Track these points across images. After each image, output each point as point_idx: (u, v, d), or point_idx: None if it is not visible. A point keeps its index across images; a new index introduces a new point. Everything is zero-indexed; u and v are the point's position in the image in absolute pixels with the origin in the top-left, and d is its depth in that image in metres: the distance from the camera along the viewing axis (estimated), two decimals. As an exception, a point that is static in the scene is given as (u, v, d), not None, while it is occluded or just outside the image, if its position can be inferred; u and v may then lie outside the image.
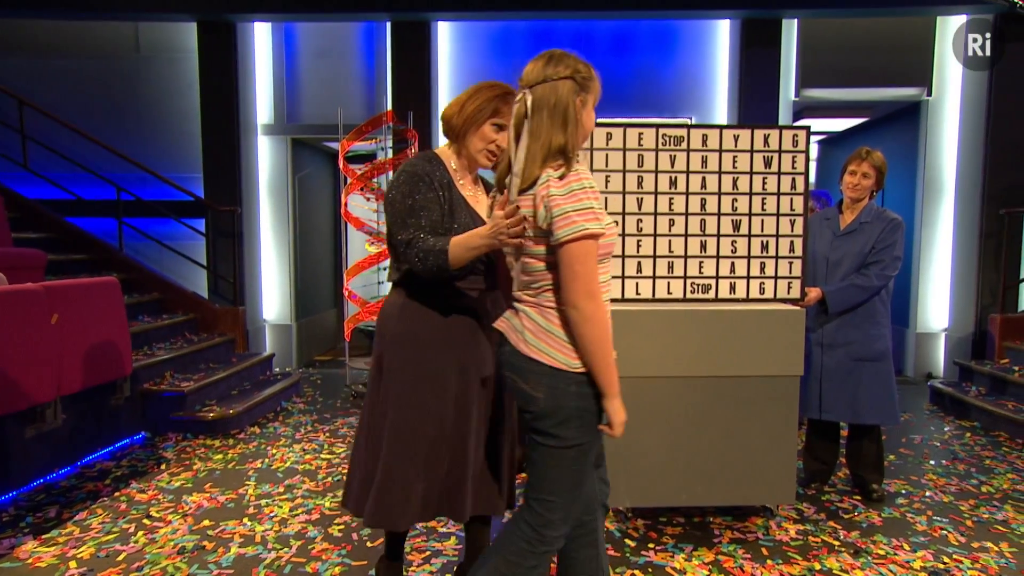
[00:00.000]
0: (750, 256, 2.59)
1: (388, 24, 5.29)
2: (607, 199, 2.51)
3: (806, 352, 2.73)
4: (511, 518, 1.58)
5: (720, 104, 5.42)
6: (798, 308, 2.51)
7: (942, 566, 2.31)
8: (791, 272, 2.62)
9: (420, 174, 1.69)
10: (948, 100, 5.26)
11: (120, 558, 2.36)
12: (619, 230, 2.50)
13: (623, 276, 2.56)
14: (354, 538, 2.52)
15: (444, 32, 5.45)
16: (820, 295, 2.74)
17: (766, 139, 2.55)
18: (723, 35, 5.36)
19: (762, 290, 2.60)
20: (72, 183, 5.12)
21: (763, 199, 2.57)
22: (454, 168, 1.77)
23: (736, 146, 2.55)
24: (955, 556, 2.38)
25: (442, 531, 2.56)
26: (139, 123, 5.54)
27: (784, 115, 5.25)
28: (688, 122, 5.24)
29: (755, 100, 5.16)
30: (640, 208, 2.54)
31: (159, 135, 5.54)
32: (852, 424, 2.86)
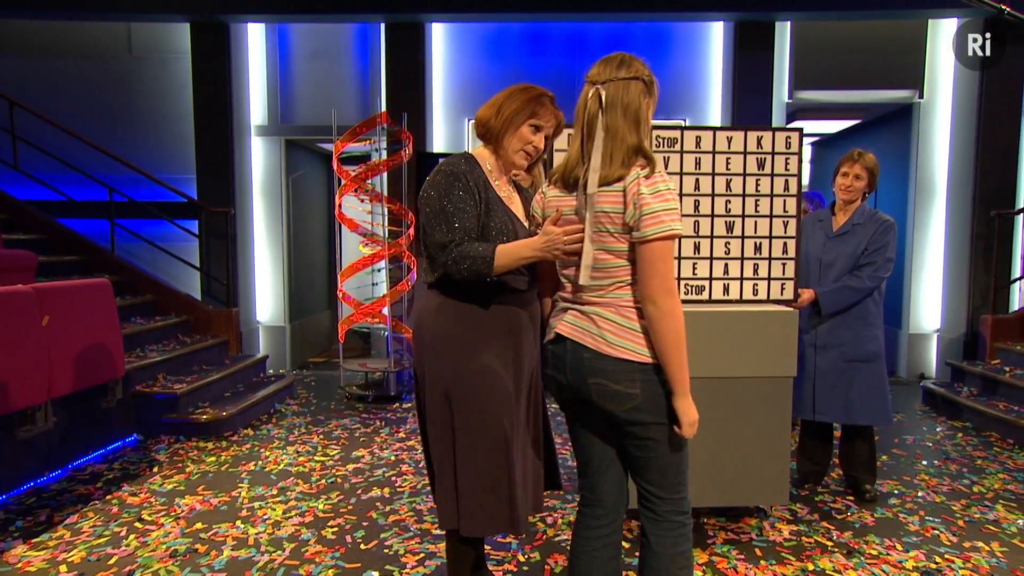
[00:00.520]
0: (743, 258, 2.60)
1: (382, 25, 5.29)
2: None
3: (799, 353, 2.73)
4: (648, 540, 1.58)
5: (714, 106, 5.44)
6: (791, 309, 2.52)
7: (934, 566, 2.32)
8: (784, 273, 2.63)
9: (457, 173, 1.66)
10: (940, 102, 5.29)
11: (111, 562, 2.34)
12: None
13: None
14: (348, 540, 2.51)
15: (438, 33, 5.45)
16: (813, 296, 2.75)
17: (759, 141, 2.56)
18: (717, 37, 5.38)
19: (755, 291, 2.61)
20: (63, 184, 5.09)
21: (756, 201, 2.58)
22: (489, 169, 1.75)
23: (729, 148, 2.56)
24: (947, 556, 2.39)
25: (436, 533, 2.56)
26: (131, 124, 5.51)
27: (778, 117, 5.27)
28: (682, 124, 5.26)
29: (749, 102, 5.18)
30: (634, 210, 2.54)
31: (152, 136, 5.51)
32: (845, 425, 2.87)
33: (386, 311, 4.64)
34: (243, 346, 5.22)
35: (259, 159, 5.67)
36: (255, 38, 5.54)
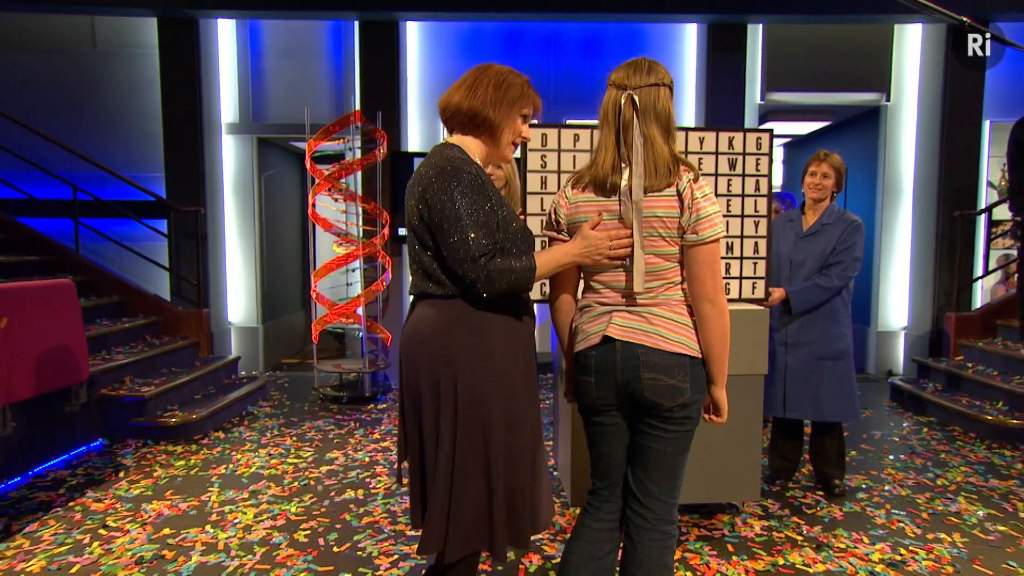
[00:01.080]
0: (715, 257, 2.62)
1: (356, 23, 5.24)
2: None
3: (771, 352, 2.78)
4: (635, 548, 1.58)
5: (688, 107, 5.50)
6: (762, 308, 2.55)
7: (899, 558, 2.37)
8: (756, 273, 2.66)
9: (475, 176, 1.50)
10: (906, 106, 5.42)
11: (73, 570, 2.27)
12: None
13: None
14: (320, 543, 2.47)
15: (413, 32, 5.41)
16: (784, 295, 2.79)
17: (731, 142, 2.59)
18: (691, 39, 5.44)
19: (727, 290, 2.64)
20: (25, 182, 4.93)
21: (728, 201, 2.61)
22: (479, 163, 1.61)
23: (701, 148, 2.58)
24: (911, 548, 2.45)
25: (411, 535, 2.54)
26: (97, 120, 5.37)
27: (750, 118, 5.35)
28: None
29: (722, 103, 5.25)
30: (607, 209, 2.55)
31: (118, 133, 5.38)
32: (815, 421, 2.92)
33: (360, 311, 4.60)
34: (214, 348, 5.12)
35: (230, 157, 5.57)
36: (225, 34, 5.44)
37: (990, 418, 3.75)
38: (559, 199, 1.62)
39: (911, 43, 5.36)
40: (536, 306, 1.81)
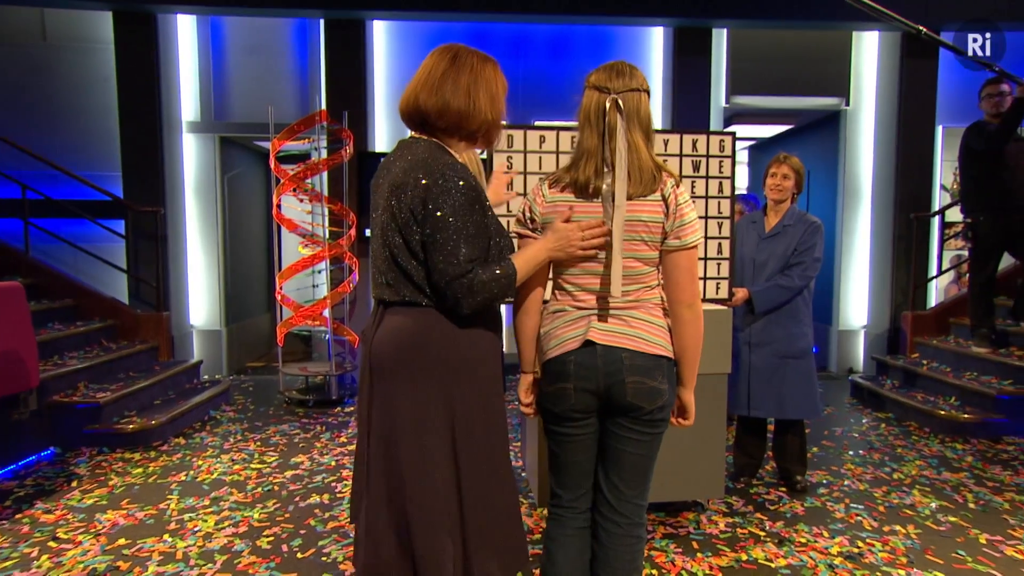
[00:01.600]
0: (680, 257, 2.65)
1: (321, 21, 5.16)
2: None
3: (734, 351, 2.82)
4: (606, 552, 1.58)
5: (654, 109, 5.54)
6: (726, 308, 2.59)
7: (856, 550, 2.43)
8: (719, 273, 2.70)
9: (471, 187, 1.42)
10: (864, 110, 5.58)
11: (21, 585, 2.18)
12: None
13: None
14: (283, 550, 2.42)
15: (380, 31, 5.35)
16: (747, 295, 2.84)
17: (694, 144, 2.62)
18: (657, 42, 5.51)
19: (692, 290, 2.67)
20: (-29, 180, 4.73)
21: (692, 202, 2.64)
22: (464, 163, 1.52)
23: (666, 150, 2.61)
24: (868, 540, 2.51)
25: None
26: (48, 117, 5.17)
27: (715, 121, 5.43)
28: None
29: (688, 106, 5.33)
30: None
31: (71, 130, 5.19)
32: (778, 419, 2.98)
33: (327, 313, 4.52)
34: (175, 351, 4.98)
35: (191, 157, 5.43)
36: (186, 30, 5.30)
37: (943, 413, 3.87)
38: (535, 197, 1.58)
39: (868, 50, 5.52)
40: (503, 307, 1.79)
